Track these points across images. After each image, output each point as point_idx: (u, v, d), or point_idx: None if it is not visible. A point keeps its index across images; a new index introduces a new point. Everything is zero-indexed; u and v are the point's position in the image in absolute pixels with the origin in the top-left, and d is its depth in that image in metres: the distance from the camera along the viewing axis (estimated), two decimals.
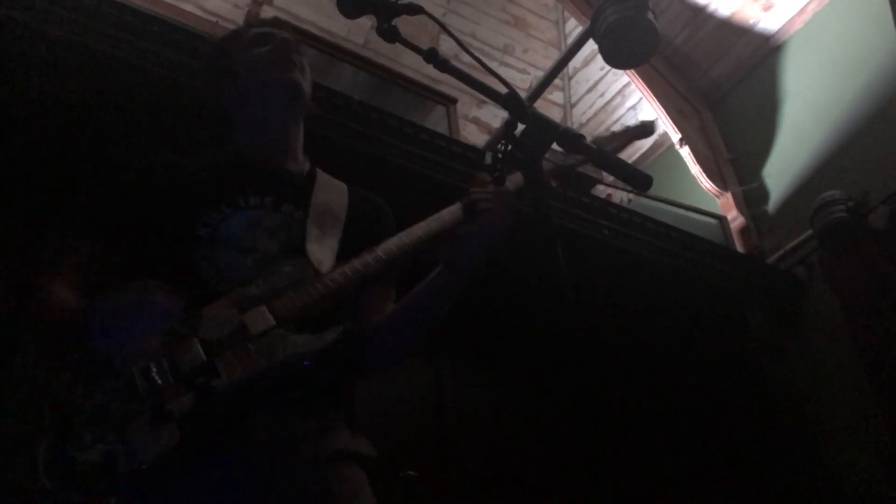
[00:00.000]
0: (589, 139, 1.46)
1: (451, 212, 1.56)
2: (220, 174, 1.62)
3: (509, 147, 1.25)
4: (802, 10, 4.43)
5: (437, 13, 5.19)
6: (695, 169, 4.53)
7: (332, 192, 1.69)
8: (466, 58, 1.34)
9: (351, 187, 1.75)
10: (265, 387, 1.34)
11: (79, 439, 1.24)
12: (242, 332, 1.34)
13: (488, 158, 1.39)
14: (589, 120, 5.64)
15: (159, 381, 1.28)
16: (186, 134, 2.36)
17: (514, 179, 1.57)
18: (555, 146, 1.29)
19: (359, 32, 4.94)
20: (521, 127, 1.27)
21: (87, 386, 1.29)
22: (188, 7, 4.60)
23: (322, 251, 1.54)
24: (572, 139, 1.22)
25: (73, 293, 1.43)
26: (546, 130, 1.23)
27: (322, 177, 1.73)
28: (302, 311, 1.40)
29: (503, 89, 1.27)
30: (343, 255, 1.55)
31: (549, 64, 5.00)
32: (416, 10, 1.39)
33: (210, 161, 1.66)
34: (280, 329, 1.36)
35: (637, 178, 1.20)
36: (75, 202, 1.61)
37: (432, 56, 1.33)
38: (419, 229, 1.53)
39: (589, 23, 3.26)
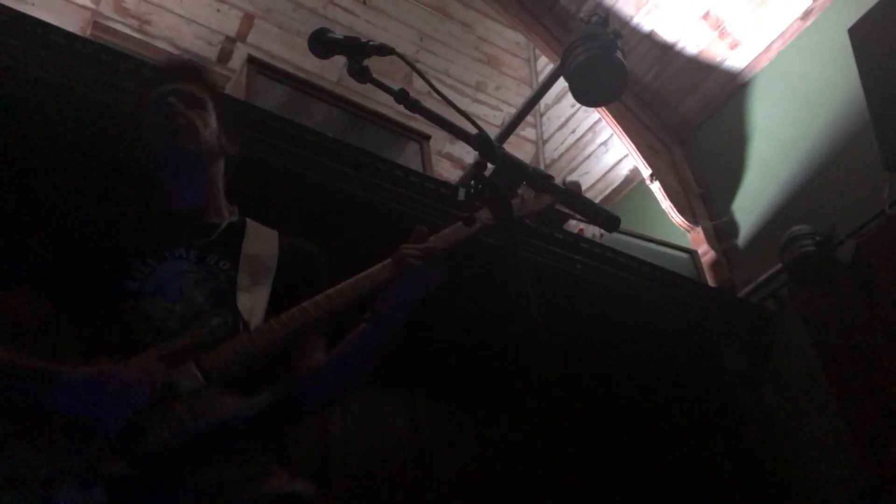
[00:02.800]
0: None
1: (382, 267, 1.56)
2: (146, 227, 1.63)
3: (479, 186, 1.26)
4: (768, 49, 4.52)
5: (410, 51, 5.24)
6: (665, 204, 4.58)
7: (261, 242, 1.70)
8: (438, 96, 1.35)
9: (283, 235, 1.76)
10: (194, 448, 1.32)
11: None
12: (171, 390, 1.33)
13: (461, 195, 1.40)
14: (561, 156, 5.69)
15: (86, 445, 1.25)
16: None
17: (445, 236, 1.60)
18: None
19: (332, 69, 4.98)
20: (491, 167, 1.28)
21: (13, 446, 1.26)
22: (161, 44, 4.61)
23: (253, 301, 1.54)
24: (541, 180, 1.24)
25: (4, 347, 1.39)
26: (515, 171, 1.24)
27: (251, 226, 1.74)
28: (231, 367, 1.39)
29: (474, 129, 1.29)
30: (275, 304, 1.55)
31: (521, 101, 5.06)
32: (387, 51, 1.41)
33: (136, 214, 1.68)
34: (208, 389, 1.34)
35: (605, 219, 1.21)
36: (9, 251, 1.60)
37: (403, 97, 1.34)
38: (349, 285, 1.53)
39: (559, 61, 3.31)
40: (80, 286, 1.51)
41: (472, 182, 1.26)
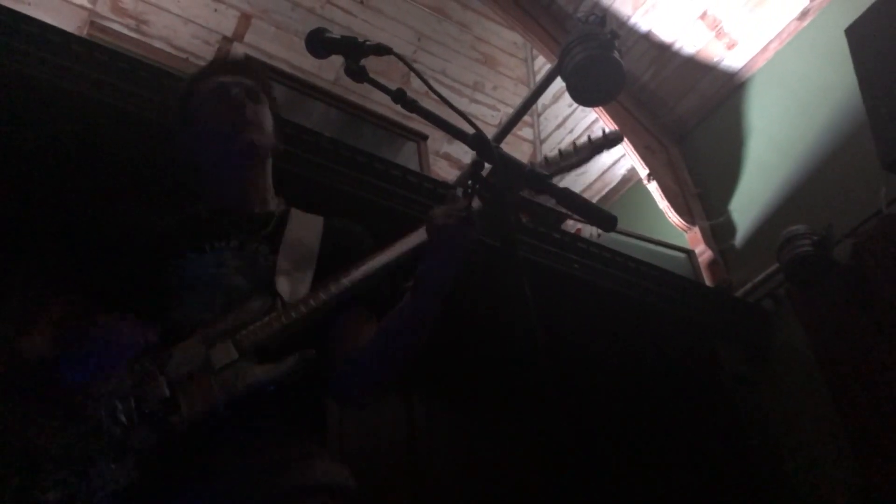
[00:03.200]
0: (555, 153, 1.47)
1: (416, 234, 1.57)
2: (188, 228, 1.63)
3: (477, 186, 1.26)
4: (765, 49, 4.53)
5: (407, 51, 5.24)
6: (663, 204, 4.58)
7: (305, 229, 1.69)
8: (436, 96, 1.35)
9: (328, 220, 1.75)
10: (227, 418, 1.33)
11: (42, 482, 1.23)
12: (207, 366, 1.35)
13: (459, 194, 1.40)
14: None
15: (124, 420, 1.27)
16: (154, 172, 2.35)
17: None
18: None
19: (329, 69, 4.97)
20: (488, 166, 1.28)
21: (54, 431, 1.27)
22: (158, 44, 4.60)
23: (292, 284, 1.53)
24: (538, 179, 1.24)
25: (47, 346, 1.41)
26: (512, 170, 1.24)
27: (296, 215, 1.73)
28: (264, 342, 1.40)
29: (471, 129, 1.29)
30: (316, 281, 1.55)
31: (518, 101, 5.06)
32: (385, 50, 1.41)
33: (178, 216, 1.68)
34: (241, 362, 1.36)
35: (602, 219, 1.21)
36: (46, 258, 1.62)
37: (400, 97, 1.34)
38: (385, 254, 1.55)
39: (557, 61, 3.31)
40: (125, 286, 1.52)
41: (470, 182, 1.26)
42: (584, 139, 1.72)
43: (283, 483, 1.36)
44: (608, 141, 1.79)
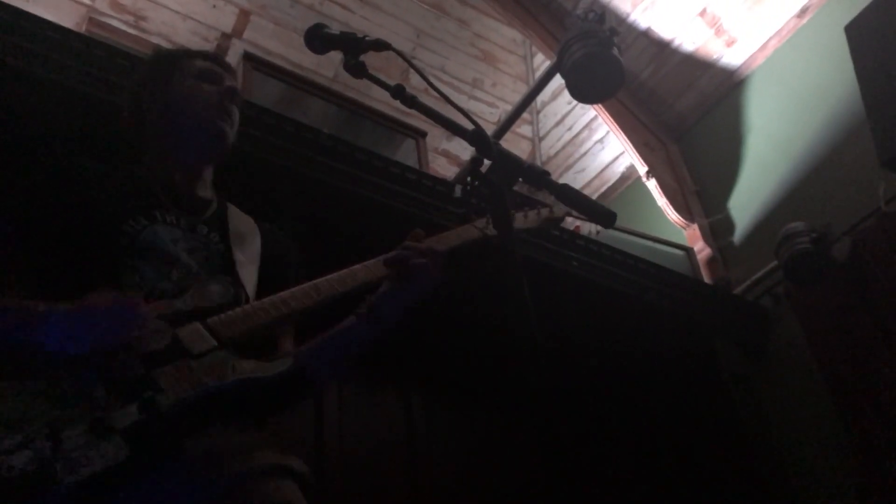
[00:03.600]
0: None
1: (367, 268, 1.56)
2: (135, 186, 1.60)
3: (476, 183, 1.26)
4: (764, 46, 4.53)
5: (406, 47, 5.23)
6: (661, 201, 4.59)
7: (244, 223, 1.71)
8: (435, 93, 1.35)
9: (259, 223, 1.76)
10: (207, 406, 1.31)
11: (2, 443, 1.16)
12: (178, 348, 1.31)
13: (457, 191, 1.40)
14: (557, 153, 5.69)
15: (94, 390, 1.22)
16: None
17: (448, 237, 1.60)
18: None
19: (328, 66, 4.97)
20: (487, 162, 1.28)
21: None
22: (156, 40, 4.59)
23: (247, 276, 1.55)
24: (537, 175, 1.24)
25: None
26: (511, 166, 1.24)
27: (232, 209, 1.74)
28: (243, 335, 1.38)
29: (470, 125, 1.29)
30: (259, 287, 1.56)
31: (517, 98, 5.06)
32: (384, 46, 1.41)
33: (124, 173, 1.64)
34: (223, 351, 1.33)
35: (601, 215, 1.21)
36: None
37: (399, 92, 1.34)
38: (348, 275, 1.53)
39: (556, 58, 3.31)
40: (70, 239, 1.47)
41: (469, 178, 1.26)
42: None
43: (245, 464, 1.35)
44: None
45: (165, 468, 1.27)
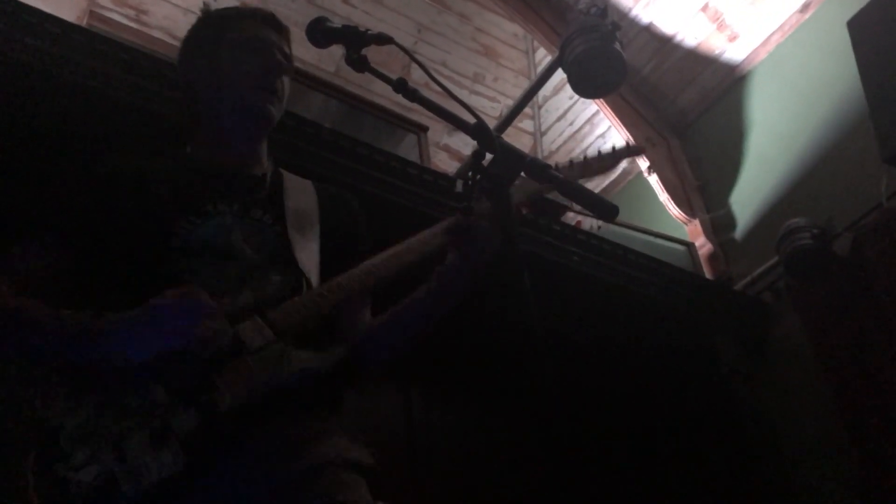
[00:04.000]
0: (566, 163, 1.47)
1: (434, 234, 1.54)
2: (184, 179, 1.55)
3: (478, 177, 1.26)
4: (766, 41, 4.52)
5: (407, 42, 5.22)
6: (663, 196, 4.58)
7: (301, 195, 1.66)
8: (437, 87, 1.35)
9: (317, 186, 1.72)
10: (266, 401, 1.30)
11: (68, 458, 1.18)
12: (238, 344, 1.30)
13: (459, 186, 1.40)
14: (559, 148, 5.68)
15: (154, 399, 1.22)
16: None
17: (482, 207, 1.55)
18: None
19: (329, 60, 4.96)
20: (489, 157, 1.28)
21: (66, 401, 1.23)
22: (157, 34, 4.59)
23: (307, 258, 1.51)
24: (540, 169, 1.24)
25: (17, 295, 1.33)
26: (514, 160, 1.24)
27: (289, 179, 1.69)
28: (300, 325, 1.36)
29: (472, 119, 1.28)
30: (322, 257, 1.54)
31: (518, 93, 5.05)
32: (386, 40, 1.40)
33: (170, 165, 1.60)
34: (279, 343, 1.32)
35: (603, 208, 1.21)
36: (36, 212, 1.51)
37: (401, 86, 1.34)
38: (409, 253, 1.51)
39: (557, 53, 3.30)
40: (122, 245, 1.43)
41: (471, 172, 1.25)
42: (608, 147, 1.73)
43: (308, 455, 1.34)
44: (630, 151, 1.81)
45: (230, 464, 1.27)
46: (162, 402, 1.23)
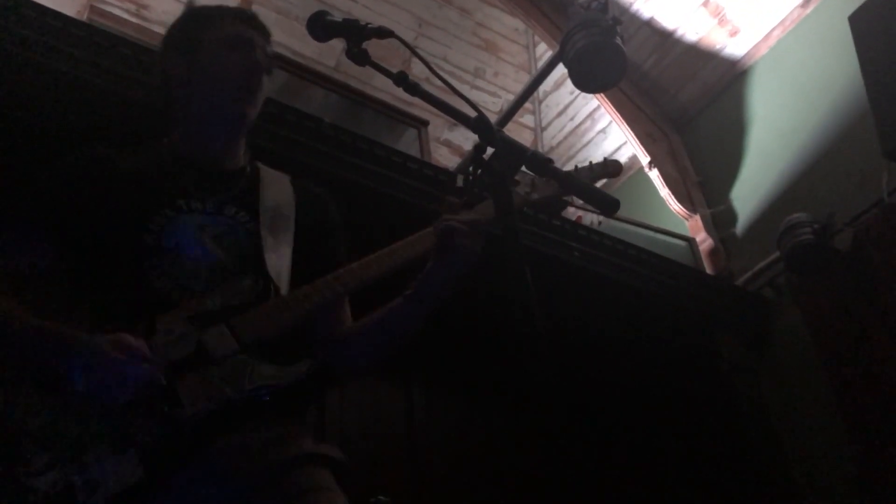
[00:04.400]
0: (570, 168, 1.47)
1: (420, 238, 1.53)
2: (157, 172, 1.54)
3: (479, 171, 1.25)
4: (767, 36, 4.51)
5: (408, 36, 5.22)
6: (664, 192, 4.58)
7: (277, 191, 1.64)
8: (437, 81, 1.34)
9: (295, 182, 1.69)
10: (228, 414, 1.30)
11: (28, 462, 1.17)
12: (202, 353, 1.29)
13: (459, 181, 1.39)
14: (559, 143, 5.68)
15: (115, 406, 1.21)
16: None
17: (484, 208, 1.54)
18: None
19: (330, 55, 4.95)
20: (490, 150, 1.27)
21: (28, 398, 1.22)
22: (157, 29, 4.58)
23: (278, 261, 1.50)
24: (540, 163, 1.23)
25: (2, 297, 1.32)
26: (515, 154, 1.24)
27: (265, 174, 1.67)
28: (265, 334, 1.36)
29: (473, 113, 1.28)
30: (295, 258, 1.52)
31: (519, 87, 5.04)
32: (387, 33, 1.40)
33: (145, 157, 1.58)
34: (243, 355, 1.32)
35: (604, 202, 1.21)
36: (16, 203, 1.49)
37: (402, 80, 1.33)
38: (386, 254, 1.49)
39: (558, 47, 3.29)
40: (92, 238, 1.42)
41: (471, 167, 1.25)
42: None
43: (279, 455, 1.34)
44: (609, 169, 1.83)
45: (194, 470, 1.27)
46: (123, 407, 1.22)
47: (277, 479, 1.32)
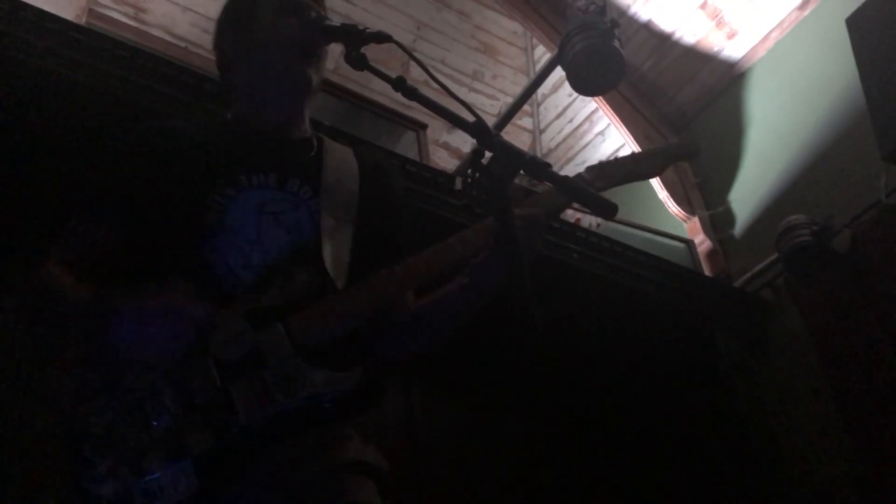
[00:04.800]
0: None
1: (478, 231, 1.49)
2: (221, 144, 1.51)
3: (477, 175, 1.26)
4: (765, 38, 4.52)
5: (406, 39, 5.22)
6: (662, 194, 4.58)
7: (341, 165, 1.60)
8: (436, 85, 1.35)
9: (359, 152, 1.67)
10: (279, 422, 1.28)
11: (91, 468, 1.17)
12: (258, 356, 1.27)
13: (458, 184, 1.39)
14: (558, 145, 5.69)
15: (172, 410, 1.21)
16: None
17: (544, 198, 1.52)
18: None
19: (328, 58, 4.95)
20: (489, 154, 1.28)
21: (94, 399, 1.21)
22: (156, 32, 4.59)
23: (337, 249, 1.46)
24: (539, 167, 1.24)
25: (78, 282, 1.32)
26: (513, 158, 1.24)
27: (329, 145, 1.64)
28: (321, 338, 1.33)
29: (471, 117, 1.28)
30: (358, 237, 1.49)
31: (518, 90, 5.04)
32: (385, 38, 1.40)
33: (209, 129, 1.57)
34: (297, 359, 1.29)
35: (603, 207, 1.21)
36: (83, 187, 1.49)
37: (400, 84, 1.34)
38: (444, 250, 1.46)
39: (557, 50, 3.30)
40: (157, 215, 1.40)
41: (470, 170, 1.25)
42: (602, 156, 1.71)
43: (322, 464, 1.33)
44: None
45: (246, 475, 1.26)
46: (179, 413, 1.21)
47: (319, 490, 1.31)
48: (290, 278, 1.38)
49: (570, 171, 5.46)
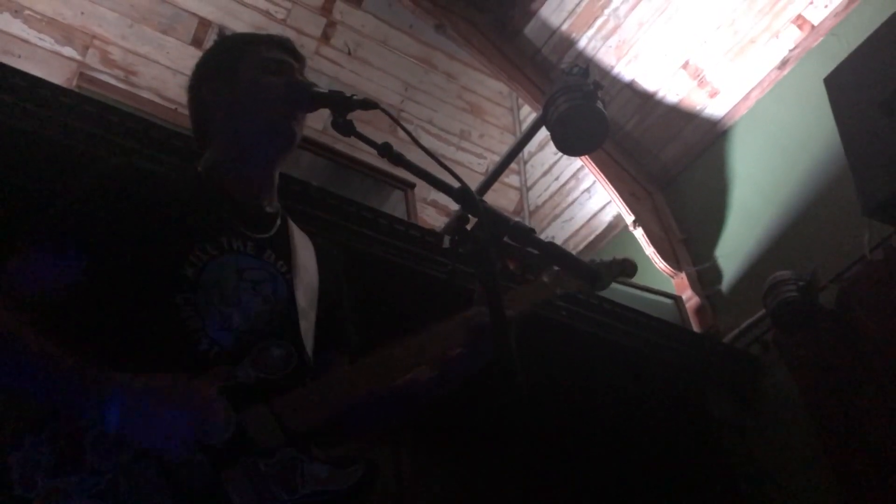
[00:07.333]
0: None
1: (456, 327, 1.51)
2: (201, 199, 1.49)
3: (462, 241, 1.26)
4: (746, 97, 4.60)
5: (394, 100, 5.29)
6: (649, 250, 4.61)
7: (305, 253, 1.61)
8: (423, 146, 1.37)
9: (315, 243, 1.68)
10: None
11: None
12: (245, 440, 1.21)
13: (446, 242, 1.40)
14: (545, 202, 5.73)
15: (164, 499, 1.13)
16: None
17: (525, 295, 1.61)
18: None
19: (317, 118, 4.98)
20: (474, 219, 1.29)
21: (46, 480, 1.11)
22: (146, 94, 4.63)
23: (306, 327, 1.46)
24: (523, 233, 1.25)
25: (38, 333, 1.21)
26: (498, 224, 1.25)
27: (293, 228, 1.64)
28: (312, 427, 1.30)
29: (456, 183, 1.30)
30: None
31: (504, 148, 5.11)
32: (371, 105, 1.42)
33: (186, 181, 1.54)
34: (291, 449, 1.25)
35: (587, 275, 1.22)
36: (47, 215, 1.43)
37: (386, 150, 1.35)
38: (418, 350, 1.47)
39: (542, 110, 3.35)
40: (132, 261, 1.35)
41: (454, 236, 1.26)
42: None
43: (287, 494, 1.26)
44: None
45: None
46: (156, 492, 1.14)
47: None
48: (264, 350, 1.33)
49: (557, 227, 5.50)
